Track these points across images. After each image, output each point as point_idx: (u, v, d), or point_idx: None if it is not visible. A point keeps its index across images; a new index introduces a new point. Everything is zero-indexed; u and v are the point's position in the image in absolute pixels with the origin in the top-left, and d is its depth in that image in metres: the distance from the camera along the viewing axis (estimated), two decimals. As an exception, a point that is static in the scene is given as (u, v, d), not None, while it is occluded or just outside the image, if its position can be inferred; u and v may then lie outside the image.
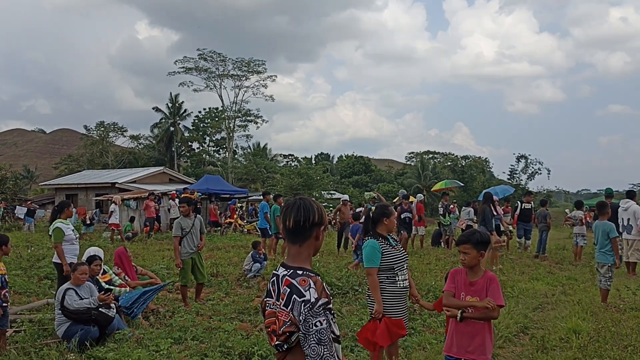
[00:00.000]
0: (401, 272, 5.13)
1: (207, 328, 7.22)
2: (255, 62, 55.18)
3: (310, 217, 2.50)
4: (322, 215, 2.55)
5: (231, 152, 59.00)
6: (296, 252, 2.52)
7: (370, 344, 4.96)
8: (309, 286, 2.33)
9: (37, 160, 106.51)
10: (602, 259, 8.54)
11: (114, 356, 5.89)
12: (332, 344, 2.30)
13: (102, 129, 63.38)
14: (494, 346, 6.42)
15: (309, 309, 2.28)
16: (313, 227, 2.51)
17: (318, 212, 2.53)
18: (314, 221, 2.50)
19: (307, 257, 2.52)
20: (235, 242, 18.96)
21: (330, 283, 9.91)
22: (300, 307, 2.30)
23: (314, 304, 2.29)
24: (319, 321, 2.27)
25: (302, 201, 2.56)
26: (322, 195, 39.28)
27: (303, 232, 2.50)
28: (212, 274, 11.65)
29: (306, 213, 2.50)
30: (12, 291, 9.46)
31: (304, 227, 2.49)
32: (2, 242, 6.45)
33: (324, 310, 2.31)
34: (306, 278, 2.37)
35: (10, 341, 6.69)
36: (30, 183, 72.84)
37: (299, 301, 2.31)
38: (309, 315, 2.28)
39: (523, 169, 52.68)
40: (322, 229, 2.55)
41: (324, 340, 2.27)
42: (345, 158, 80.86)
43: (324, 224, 2.56)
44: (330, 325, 2.35)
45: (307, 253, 2.52)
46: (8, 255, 6.60)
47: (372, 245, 5.12)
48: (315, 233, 2.52)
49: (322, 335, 2.27)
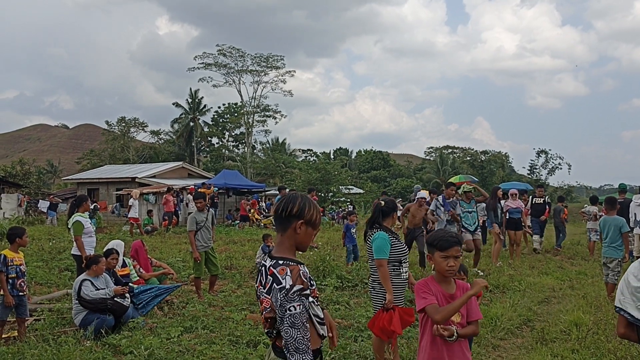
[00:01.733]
0: (405, 264, 5.40)
1: (218, 318, 7.49)
2: (274, 58, 55.44)
3: (289, 208, 2.67)
4: (304, 210, 2.68)
5: (250, 147, 59.42)
6: (280, 241, 2.72)
7: (386, 333, 5.17)
8: (285, 274, 2.52)
9: (60, 155, 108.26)
10: (612, 254, 8.57)
11: (127, 343, 6.16)
12: (306, 328, 2.48)
13: (123, 125, 64.36)
14: (495, 337, 6.61)
15: (284, 295, 2.48)
16: (290, 218, 2.67)
17: (299, 206, 2.68)
18: (291, 212, 2.66)
19: (289, 247, 2.69)
20: (251, 236, 19.24)
21: (340, 276, 10.12)
22: (277, 293, 2.50)
23: (288, 290, 2.48)
24: (292, 306, 2.45)
25: (290, 195, 2.77)
26: (340, 190, 39.37)
27: (281, 221, 2.69)
28: (226, 266, 11.94)
29: (285, 205, 2.68)
30: (33, 282, 9.86)
31: (281, 216, 2.69)
32: (17, 234, 6.77)
33: (299, 296, 2.48)
34: (285, 267, 2.55)
35: (30, 329, 7.02)
36: (53, 177, 74.30)
37: (276, 288, 2.51)
38: (284, 300, 2.47)
39: (543, 164, 52.33)
40: (301, 223, 2.67)
41: (297, 324, 2.45)
42: (364, 153, 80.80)
43: (305, 219, 2.68)
44: (307, 310, 2.52)
45: (289, 243, 2.69)
46: (25, 247, 6.90)
47: (382, 237, 5.36)
48: (294, 225, 2.67)
49: (295, 319, 2.45)
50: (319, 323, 2.63)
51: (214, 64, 54.95)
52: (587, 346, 6.05)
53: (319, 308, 2.66)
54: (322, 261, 10.60)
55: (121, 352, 6.06)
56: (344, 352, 5.88)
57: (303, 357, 2.44)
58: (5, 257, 6.55)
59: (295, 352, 2.44)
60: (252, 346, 6.24)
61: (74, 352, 5.85)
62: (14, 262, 6.59)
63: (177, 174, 33.08)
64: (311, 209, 2.71)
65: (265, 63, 55.36)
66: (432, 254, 3.45)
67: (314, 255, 11.61)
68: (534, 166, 52.57)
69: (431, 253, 3.46)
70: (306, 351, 2.45)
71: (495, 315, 7.24)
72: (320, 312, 2.66)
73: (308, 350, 2.46)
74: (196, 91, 63.50)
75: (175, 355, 5.84)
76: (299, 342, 2.44)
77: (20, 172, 38.90)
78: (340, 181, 39.28)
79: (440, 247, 3.40)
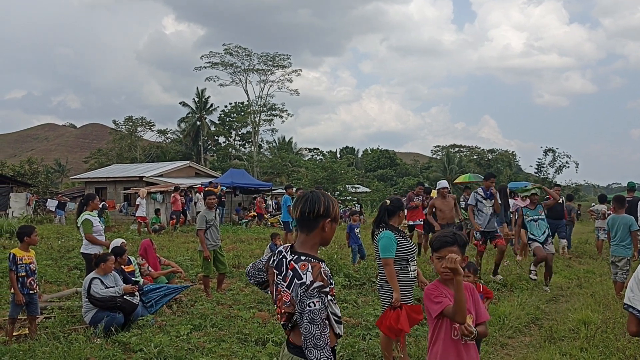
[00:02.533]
0: (412, 263, 5.41)
1: (227, 316, 7.53)
2: (280, 57, 55.44)
3: (315, 209, 2.70)
4: (329, 209, 2.72)
5: (257, 146, 59.46)
6: (303, 239, 2.74)
7: (394, 332, 5.19)
8: (307, 270, 2.55)
9: (68, 154, 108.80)
10: (621, 253, 8.55)
11: (137, 341, 6.21)
12: (325, 324, 2.51)
13: (130, 124, 64.60)
14: (503, 336, 6.62)
15: (304, 290, 2.51)
16: (318, 218, 2.70)
17: (324, 205, 2.71)
18: (318, 213, 2.70)
19: (312, 245, 2.73)
20: (259, 235, 19.29)
21: (348, 275, 10.15)
22: (297, 289, 2.54)
23: (309, 286, 2.51)
24: (312, 302, 2.48)
25: (311, 194, 2.78)
26: (347, 189, 39.36)
27: (308, 222, 2.72)
28: (234, 265, 11.99)
29: (311, 205, 2.71)
30: (42, 280, 9.93)
31: (308, 218, 2.71)
32: (25, 232, 6.80)
33: (319, 292, 2.51)
34: (306, 263, 2.59)
35: (41, 327, 7.09)
36: (61, 177, 74.62)
37: (297, 284, 2.55)
38: (304, 296, 2.50)
39: (550, 163, 52.19)
40: (328, 221, 2.72)
41: (316, 320, 2.47)
42: (370, 152, 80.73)
43: (331, 217, 2.73)
44: (326, 308, 2.55)
45: (313, 242, 2.73)
46: (35, 245, 6.95)
47: (388, 237, 5.37)
48: (322, 224, 2.71)
49: (314, 315, 2.47)
50: (336, 321, 2.65)
51: (221, 63, 55.00)
52: (596, 344, 6.04)
53: (337, 307, 2.69)
54: (330, 260, 10.62)
55: (131, 349, 6.09)
56: (352, 350, 5.89)
57: (321, 353, 2.46)
58: (14, 255, 6.60)
59: (313, 349, 2.46)
60: (260, 344, 6.27)
61: (84, 349, 5.90)
62: (24, 261, 6.63)
63: (184, 173, 33.16)
64: (334, 206, 2.76)
65: (272, 62, 55.38)
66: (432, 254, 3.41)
67: (321, 253, 11.63)
68: (541, 164, 52.48)
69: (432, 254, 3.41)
70: (324, 347, 2.47)
71: (504, 314, 7.25)
72: (337, 310, 2.68)
73: (326, 347, 2.48)
74: (203, 90, 63.65)
75: (184, 352, 5.88)
76: (317, 338, 2.46)
77: (29, 171, 39.15)
78: (347, 180, 39.26)
79: (434, 248, 3.36)
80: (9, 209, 28.25)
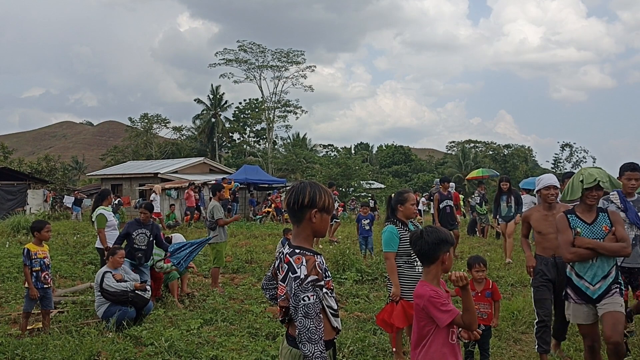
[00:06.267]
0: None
1: (238, 311, 7.56)
2: (295, 53, 55.36)
3: (300, 200, 2.64)
4: (315, 199, 2.64)
5: (271, 142, 59.52)
6: (295, 231, 2.71)
7: (387, 326, 5.17)
8: (301, 263, 2.52)
9: (85, 152, 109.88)
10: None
11: (148, 335, 6.25)
12: (319, 318, 2.47)
13: (146, 121, 64.91)
14: (516, 331, 6.55)
15: (298, 284, 2.48)
16: (303, 209, 2.64)
17: (310, 195, 2.63)
18: (302, 203, 2.63)
19: (305, 237, 2.68)
20: (272, 231, 19.30)
21: (360, 270, 10.12)
22: (292, 283, 2.51)
23: (303, 280, 2.47)
24: (306, 296, 2.45)
25: (299, 185, 2.72)
26: (361, 185, 39.31)
27: (294, 213, 2.67)
28: (246, 260, 12.00)
29: (296, 196, 2.65)
30: (57, 275, 10.04)
31: (294, 208, 2.66)
32: (36, 228, 6.87)
33: (313, 286, 2.48)
34: (301, 256, 2.55)
35: (54, 321, 7.16)
36: (78, 174, 75.41)
37: (291, 277, 2.52)
38: (298, 290, 2.47)
39: (567, 158, 51.68)
40: (315, 212, 2.64)
41: (310, 314, 2.44)
42: (385, 148, 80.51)
43: (318, 207, 2.65)
44: (321, 301, 2.51)
45: (304, 234, 2.68)
46: (47, 240, 7.00)
47: (390, 231, 5.34)
48: (308, 215, 2.64)
49: (308, 309, 2.44)
50: (333, 315, 2.62)
51: (235, 59, 55.07)
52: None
53: (334, 300, 2.65)
54: (342, 255, 10.60)
55: (142, 343, 6.14)
56: (362, 345, 5.88)
57: (315, 347, 2.43)
58: (29, 250, 6.66)
59: (307, 342, 2.43)
60: (271, 338, 6.29)
61: (96, 343, 5.94)
62: (38, 255, 6.70)
63: (198, 169, 33.32)
64: (322, 196, 2.67)
65: (286, 58, 55.33)
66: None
67: (334, 249, 11.62)
68: (558, 160, 51.96)
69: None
70: (318, 342, 2.43)
71: (517, 309, 7.18)
72: (334, 303, 2.65)
73: (320, 341, 2.44)
74: (217, 87, 63.80)
75: (195, 346, 5.90)
76: (311, 332, 2.43)
77: (46, 168, 39.53)
78: (361, 176, 39.25)
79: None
80: (27, 205, 28.58)
